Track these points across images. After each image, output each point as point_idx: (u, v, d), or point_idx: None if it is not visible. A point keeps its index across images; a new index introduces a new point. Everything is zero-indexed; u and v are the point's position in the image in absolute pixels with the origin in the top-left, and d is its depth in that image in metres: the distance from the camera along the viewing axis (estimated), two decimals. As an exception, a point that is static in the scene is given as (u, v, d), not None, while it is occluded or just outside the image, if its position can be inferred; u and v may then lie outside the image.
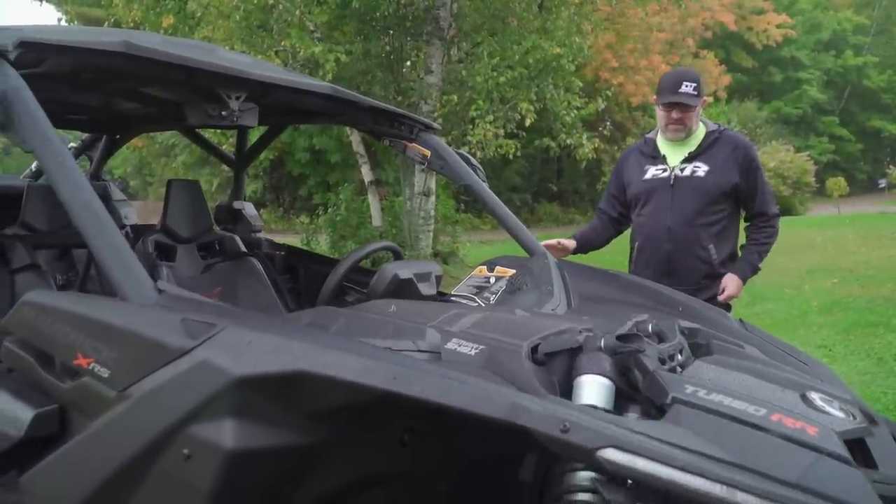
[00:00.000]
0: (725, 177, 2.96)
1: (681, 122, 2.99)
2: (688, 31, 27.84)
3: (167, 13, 10.54)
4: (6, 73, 1.40)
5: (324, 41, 10.15)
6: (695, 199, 2.96)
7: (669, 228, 2.98)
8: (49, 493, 1.11)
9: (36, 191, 2.85)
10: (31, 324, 1.23)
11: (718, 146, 3.00)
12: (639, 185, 3.10)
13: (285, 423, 1.02)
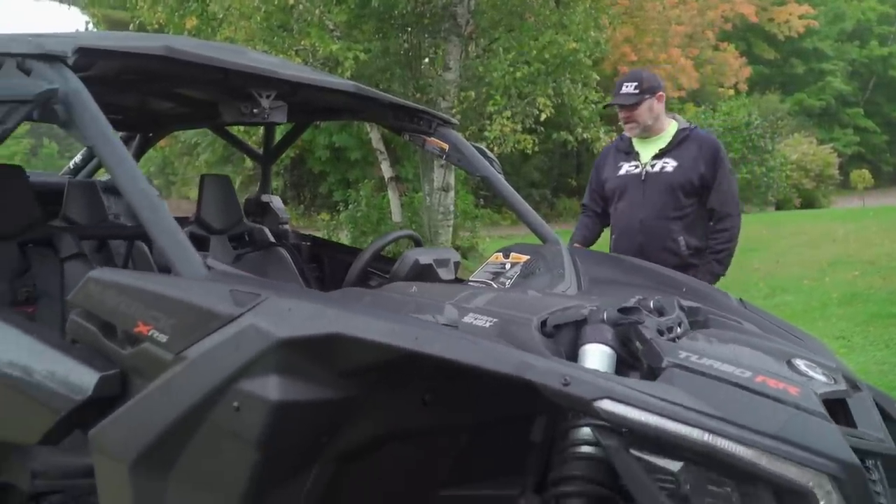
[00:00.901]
0: (692, 172, 3.12)
1: (630, 120, 3.20)
2: (707, 23, 27.63)
3: (190, 15, 10.76)
4: (66, 76, 1.55)
5: (343, 40, 10.32)
6: (664, 193, 3.13)
7: (641, 221, 3.15)
8: (114, 445, 1.26)
9: (76, 187, 3.03)
10: (96, 298, 1.38)
11: (687, 143, 3.18)
12: (614, 180, 3.28)
13: (322, 379, 1.16)
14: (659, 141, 3.23)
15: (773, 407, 1.17)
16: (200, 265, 1.36)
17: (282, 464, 1.21)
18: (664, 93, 3.29)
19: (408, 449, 1.36)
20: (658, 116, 3.24)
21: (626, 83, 3.25)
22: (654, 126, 3.24)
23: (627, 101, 3.16)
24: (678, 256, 3.13)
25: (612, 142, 3.55)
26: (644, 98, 3.17)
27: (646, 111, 3.19)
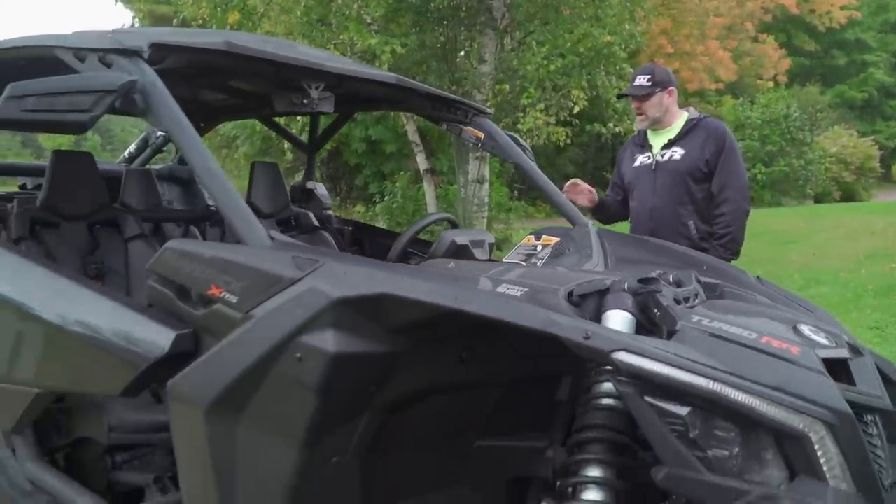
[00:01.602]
0: (699, 158, 3.23)
1: (640, 111, 3.34)
2: (746, 14, 27.20)
3: (232, 10, 11.03)
4: (143, 70, 1.73)
5: (380, 33, 10.49)
6: (673, 180, 3.25)
7: (652, 209, 3.28)
8: (191, 393, 1.44)
9: (133, 174, 3.24)
10: (173, 265, 1.56)
11: (696, 131, 3.28)
12: (630, 172, 3.43)
13: (372, 335, 1.32)
14: (669, 132, 3.34)
15: (775, 363, 1.30)
16: (265, 236, 1.53)
17: (336, 410, 1.37)
18: (675, 88, 3.40)
19: (446, 402, 1.52)
20: (667, 110, 3.35)
21: (639, 75, 3.39)
22: (663, 119, 3.35)
23: (639, 91, 3.30)
24: (689, 240, 3.21)
25: (632, 137, 3.68)
26: (655, 91, 3.29)
27: (655, 104, 3.31)
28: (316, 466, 1.36)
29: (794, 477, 1.22)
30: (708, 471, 1.21)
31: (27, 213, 2.41)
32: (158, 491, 1.95)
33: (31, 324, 1.76)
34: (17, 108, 1.53)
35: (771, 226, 15.29)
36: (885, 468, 1.41)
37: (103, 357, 1.63)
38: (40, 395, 1.83)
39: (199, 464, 1.43)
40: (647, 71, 3.42)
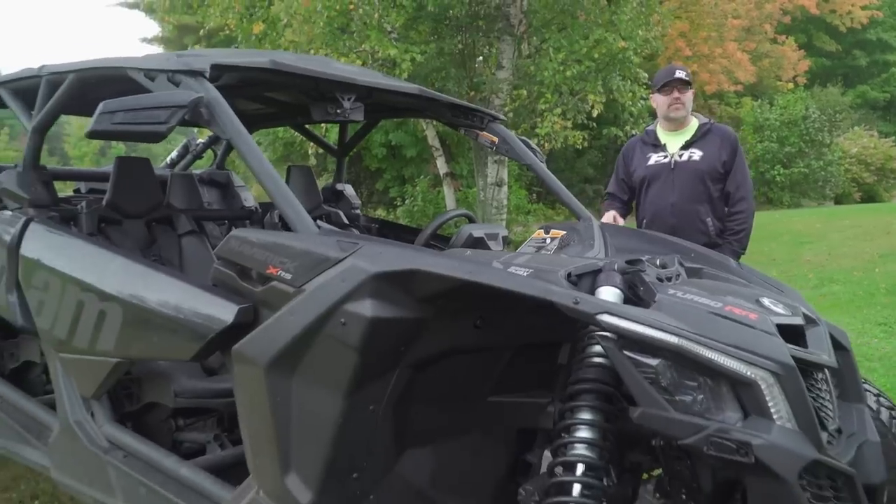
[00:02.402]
0: (716, 160, 3.46)
1: (679, 101, 3.48)
2: (765, 16, 27.22)
3: (257, 21, 11.42)
4: (207, 87, 2.04)
5: (400, 42, 10.80)
6: (693, 179, 3.46)
7: (672, 205, 3.47)
8: (253, 354, 1.72)
9: (178, 178, 3.57)
10: (236, 250, 1.85)
11: (710, 136, 3.51)
12: (643, 170, 3.59)
13: (403, 303, 1.60)
14: (685, 133, 3.55)
15: (735, 325, 1.57)
16: (313, 225, 1.83)
17: (373, 366, 1.65)
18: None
19: (464, 362, 1.80)
20: (691, 108, 3.59)
21: (677, 69, 3.57)
22: (687, 116, 3.57)
23: (685, 78, 3.49)
24: (707, 235, 3.43)
25: (636, 136, 3.87)
26: (690, 86, 3.53)
27: (690, 97, 3.55)
28: (356, 413, 1.65)
29: (748, 417, 1.49)
30: (676, 411, 1.49)
31: (95, 213, 2.74)
32: (218, 447, 2.27)
33: (112, 303, 2.07)
34: (109, 121, 1.84)
35: (788, 226, 15.39)
36: (831, 416, 1.68)
37: (176, 329, 1.94)
38: (119, 363, 2.15)
39: (259, 413, 1.73)
40: (682, 67, 3.63)
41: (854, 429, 1.77)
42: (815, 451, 1.47)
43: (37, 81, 2.59)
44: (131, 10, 28.55)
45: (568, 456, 1.57)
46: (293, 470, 1.70)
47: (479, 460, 1.88)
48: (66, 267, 2.23)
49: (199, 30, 14.19)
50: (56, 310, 2.24)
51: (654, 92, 3.61)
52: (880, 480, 1.72)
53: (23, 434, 2.57)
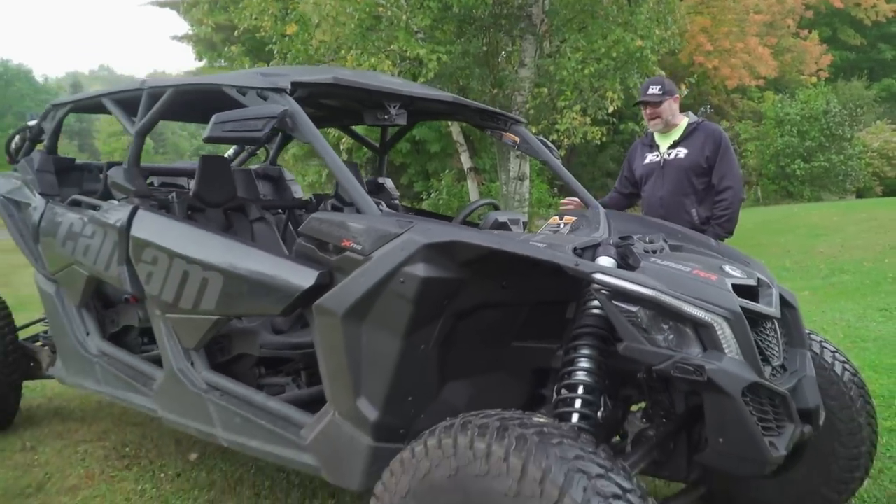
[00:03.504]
0: (700, 156, 3.86)
1: (654, 116, 3.95)
2: (787, 11, 27.29)
3: (291, 23, 11.99)
4: (289, 101, 2.56)
5: (426, 42, 11.29)
6: (678, 175, 3.89)
7: (661, 198, 3.93)
8: (332, 306, 2.23)
9: (238, 173, 4.13)
10: (316, 227, 2.38)
11: (696, 134, 3.92)
12: (641, 168, 4.08)
13: (447, 266, 2.10)
14: (673, 134, 3.98)
15: (698, 283, 2.06)
16: (376, 208, 2.35)
17: (423, 314, 2.16)
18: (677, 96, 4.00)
19: (493, 315, 2.31)
20: (674, 113, 3.98)
21: (651, 85, 3.98)
22: (670, 121, 3.98)
23: (654, 99, 3.93)
24: (691, 224, 3.78)
25: (639, 138, 4.35)
26: (665, 98, 3.93)
27: (666, 109, 3.95)
28: (410, 351, 2.16)
29: (706, 351, 1.99)
30: (651, 346, 1.99)
31: (185, 202, 3.30)
32: (296, 387, 2.82)
33: (214, 272, 2.60)
34: (221, 129, 2.38)
35: (805, 220, 15.66)
36: (776, 355, 2.18)
37: (268, 291, 2.47)
38: (219, 320, 2.69)
39: (336, 353, 2.25)
40: (657, 82, 4.04)
41: (797, 367, 2.27)
42: (755, 376, 1.97)
43: (138, 94, 3.15)
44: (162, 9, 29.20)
45: (571, 379, 2.09)
46: (363, 395, 2.23)
47: (504, 392, 2.40)
48: (172, 245, 2.78)
49: (233, 29, 14.80)
50: (164, 279, 2.79)
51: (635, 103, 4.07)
52: (815, 405, 2.23)
53: (130, 383, 3.14)
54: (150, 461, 3.65)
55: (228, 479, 3.39)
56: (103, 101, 3.35)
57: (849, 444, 2.68)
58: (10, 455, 3.74)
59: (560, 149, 10.92)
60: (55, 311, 3.53)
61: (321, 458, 2.35)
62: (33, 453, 3.77)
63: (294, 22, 11.97)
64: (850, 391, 2.70)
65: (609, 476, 1.58)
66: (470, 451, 1.68)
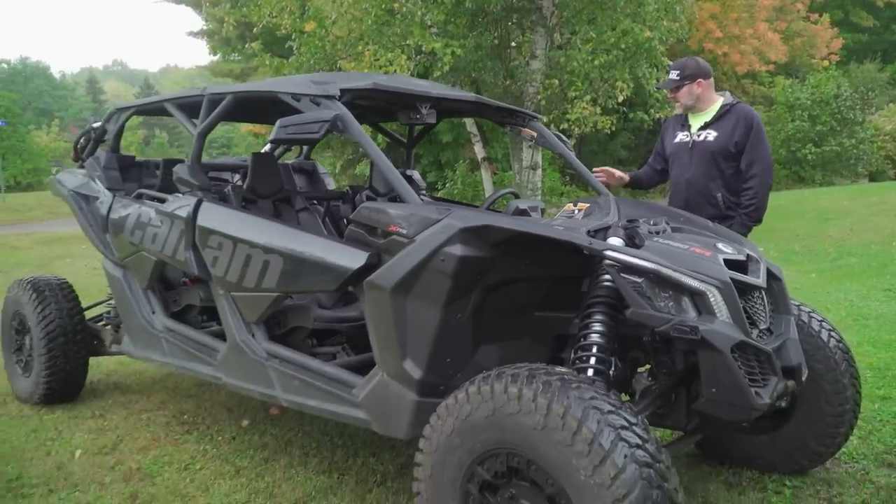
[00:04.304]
0: (729, 140, 3.78)
1: (675, 99, 3.98)
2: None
3: (309, 20, 12.35)
4: (339, 106, 2.93)
5: (440, 36, 11.62)
6: (706, 158, 3.84)
7: (688, 181, 3.89)
8: (382, 282, 2.59)
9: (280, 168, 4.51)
10: (366, 215, 2.75)
11: (728, 116, 3.83)
12: (671, 146, 4.04)
13: (480, 247, 2.46)
14: (706, 115, 3.90)
15: (693, 258, 2.43)
16: (418, 198, 2.73)
17: (460, 288, 2.52)
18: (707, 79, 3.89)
19: (519, 288, 2.68)
20: (698, 97, 3.89)
21: (672, 70, 3.97)
22: (696, 105, 3.90)
23: (669, 85, 3.96)
24: (717, 209, 3.80)
25: (672, 116, 4.25)
26: (683, 83, 3.88)
27: (685, 94, 3.91)
28: (448, 319, 2.54)
29: (700, 315, 2.36)
30: (653, 310, 2.37)
31: (239, 194, 3.69)
32: (346, 355, 3.22)
33: (275, 255, 2.99)
34: (284, 132, 2.77)
35: (815, 204, 15.88)
36: (763, 319, 2.55)
37: (323, 270, 2.85)
38: (279, 297, 3.09)
39: (385, 321, 2.63)
40: (678, 66, 3.97)
41: (781, 330, 2.64)
42: (742, 335, 2.33)
43: (199, 99, 3.54)
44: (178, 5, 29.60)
45: (587, 341, 2.47)
46: (408, 357, 2.61)
47: (529, 355, 2.77)
48: (236, 232, 3.17)
49: (250, 25, 15.19)
50: (228, 262, 3.18)
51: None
52: (797, 362, 2.59)
53: (195, 355, 3.55)
54: (206, 427, 4.06)
55: (279, 441, 3.80)
56: (166, 105, 3.74)
57: (834, 403, 3.03)
58: (83, 421, 4.17)
59: (571, 138, 11.25)
60: (123, 292, 3.95)
61: (372, 413, 2.74)
62: (103, 420, 4.20)
63: (312, 20, 12.34)
64: (835, 355, 3.05)
65: (618, 412, 1.96)
66: (504, 394, 2.07)
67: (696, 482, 3.14)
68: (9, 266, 11.58)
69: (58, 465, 3.56)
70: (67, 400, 4.49)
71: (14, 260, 12.25)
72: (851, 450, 3.40)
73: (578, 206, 3.44)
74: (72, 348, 4.34)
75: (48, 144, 42.42)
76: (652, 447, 1.92)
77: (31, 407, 4.43)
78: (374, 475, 3.35)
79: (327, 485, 3.26)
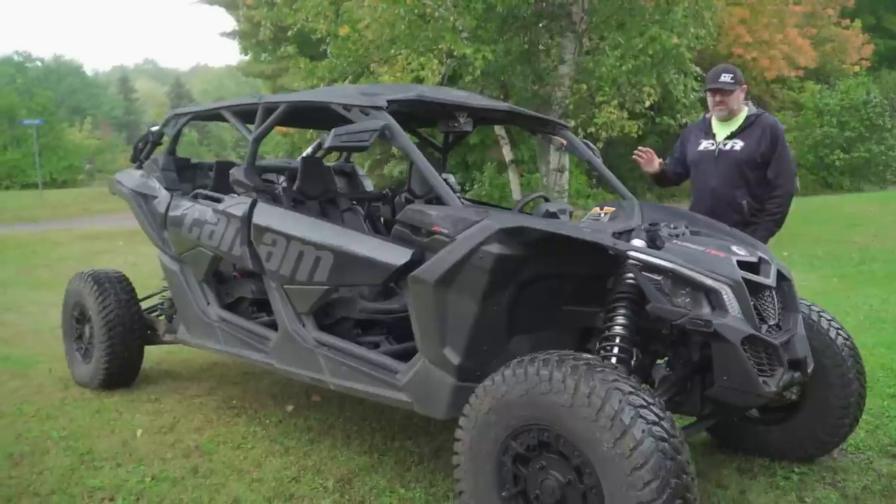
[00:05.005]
0: (755, 151, 3.93)
1: (722, 104, 4.01)
2: (827, 0, 27.16)
3: (343, 24, 12.72)
4: (386, 116, 3.23)
5: (471, 41, 11.90)
6: (732, 167, 3.97)
7: (713, 189, 4.03)
8: (426, 276, 2.85)
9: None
10: (411, 217, 3.02)
11: (754, 126, 3.97)
12: (694, 153, 4.16)
13: (514, 245, 2.72)
14: (732, 124, 4.02)
15: (710, 258, 2.68)
16: (459, 202, 3.00)
17: (496, 282, 2.78)
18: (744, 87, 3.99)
19: (549, 284, 2.94)
20: (740, 103, 4.02)
21: (724, 73, 3.98)
22: (733, 112, 4.01)
23: (727, 87, 3.95)
24: (741, 215, 3.95)
25: (695, 122, 4.38)
26: (736, 88, 3.97)
27: (735, 98, 3.99)
28: (485, 311, 2.80)
29: (714, 310, 2.61)
30: (672, 305, 2.62)
31: (290, 194, 4.01)
32: (386, 342, 3.51)
33: (326, 251, 3.29)
34: (339, 140, 3.06)
35: (842, 210, 15.93)
36: (772, 315, 2.79)
37: (371, 265, 3.13)
38: (329, 290, 3.39)
39: (428, 312, 2.90)
40: (730, 70, 4.03)
41: (790, 326, 2.88)
42: (752, 329, 2.58)
43: (254, 107, 3.86)
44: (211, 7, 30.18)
45: (611, 332, 2.74)
46: (448, 345, 2.89)
47: (557, 345, 3.02)
48: (289, 230, 3.47)
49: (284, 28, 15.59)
50: (282, 257, 3.48)
51: (706, 89, 4.13)
52: (804, 355, 2.83)
53: (248, 342, 3.87)
54: (254, 411, 4.38)
55: (322, 425, 4.11)
56: (223, 112, 4.07)
57: (840, 396, 3.26)
58: (140, 404, 4.51)
59: (598, 142, 11.48)
60: (180, 285, 4.28)
61: (414, 395, 3.03)
62: (158, 403, 4.54)
63: (347, 24, 12.71)
64: (842, 352, 3.27)
65: (637, 393, 2.23)
66: (537, 376, 2.35)
67: (710, 468, 3.38)
68: (52, 261, 12.08)
69: (122, 442, 3.89)
70: (124, 385, 4.84)
71: (57, 255, 12.75)
72: (858, 442, 3.62)
73: (604, 209, 3.69)
74: (129, 337, 4.69)
75: (81, 142, 43.32)
76: (667, 424, 2.18)
77: (92, 391, 4.78)
78: (411, 456, 3.63)
79: (369, 464, 3.55)
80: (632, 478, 2.09)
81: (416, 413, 3.07)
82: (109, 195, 5.32)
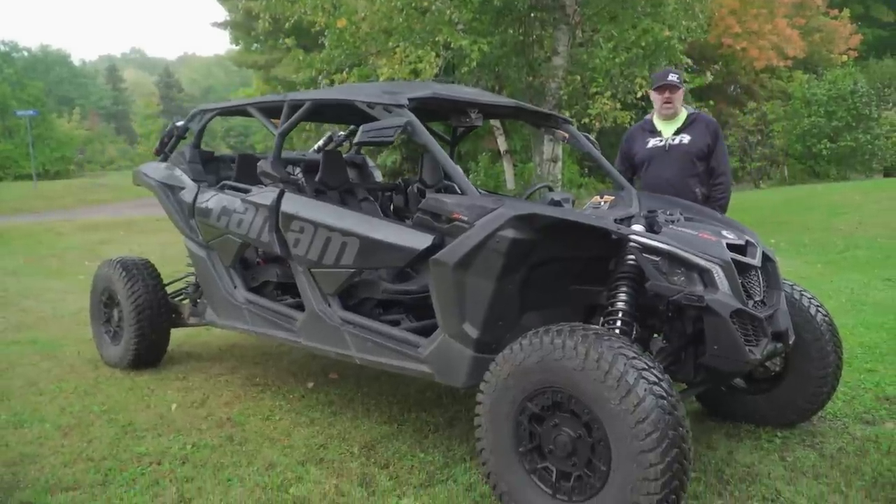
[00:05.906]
0: (701, 143, 4.43)
1: (669, 102, 4.45)
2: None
3: (341, 17, 12.94)
4: (409, 114, 3.51)
5: (467, 33, 12.16)
6: (684, 159, 4.44)
7: (668, 179, 4.42)
8: (446, 259, 3.15)
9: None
10: (433, 205, 3.33)
11: (697, 123, 4.48)
12: (643, 152, 4.56)
13: (528, 230, 3.02)
14: (676, 122, 4.51)
15: (702, 241, 3.01)
16: (476, 191, 3.31)
17: (511, 264, 3.10)
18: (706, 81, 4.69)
19: (558, 265, 3.26)
20: (681, 102, 4.50)
21: (671, 73, 4.46)
22: (678, 110, 4.48)
23: (675, 84, 4.43)
24: (696, 202, 4.18)
25: (637, 124, 4.80)
26: (681, 86, 4.45)
27: (679, 97, 4.46)
28: (500, 290, 3.11)
29: (706, 288, 2.93)
30: (668, 283, 2.95)
31: (313, 186, 4.30)
32: (408, 320, 3.83)
33: (352, 237, 3.59)
34: (366, 136, 3.36)
35: (827, 199, 16.26)
36: (758, 291, 3.12)
37: (394, 249, 3.42)
38: (354, 272, 3.70)
39: (447, 291, 3.21)
40: (676, 70, 4.51)
41: (773, 302, 3.21)
42: (739, 304, 2.91)
43: (279, 104, 4.15)
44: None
45: (614, 308, 3.06)
46: (467, 320, 3.20)
47: (565, 321, 3.36)
48: (316, 217, 3.77)
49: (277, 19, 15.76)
50: (309, 243, 3.78)
51: (651, 89, 4.56)
52: (785, 328, 3.17)
53: (274, 322, 4.17)
54: (277, 387, 4.70)
55: (343, 399, 4.43)
56: (248, 108, 4.36)
57: (819, 367, 3.60)
58: (170, 382, 4.82)
59: (592, 132, 11.80)
60: (207, 270, 4.58)
61: (435, 367, 3.34)
62: (187, 381, 4.84)
63: (344, 18, 12.92)
64: (821, 327, 3.61)
65: (640, 358, 2.55)
66: (551, 345, 2.67)
67: (701, 434, 3.72)
68: (59, 250, 12.31)
69: (159, 415, 4.20)
70: (152, 365, 5.14)
71: (62, 245, 12.98)
72: (836, 410, 3.97)
73: (604, 198, 4.01)
74: (157, 320, 4.99)
75: (70, 132, 43.24)
76: (665, 385, 2.51)
77: (122, 371, 5.08)
78: (427, 425, 3.95)
79: (389, 432, 3.87)
80: (635, 430, 2.42)
81: (429, 387, 3.38)
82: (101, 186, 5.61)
